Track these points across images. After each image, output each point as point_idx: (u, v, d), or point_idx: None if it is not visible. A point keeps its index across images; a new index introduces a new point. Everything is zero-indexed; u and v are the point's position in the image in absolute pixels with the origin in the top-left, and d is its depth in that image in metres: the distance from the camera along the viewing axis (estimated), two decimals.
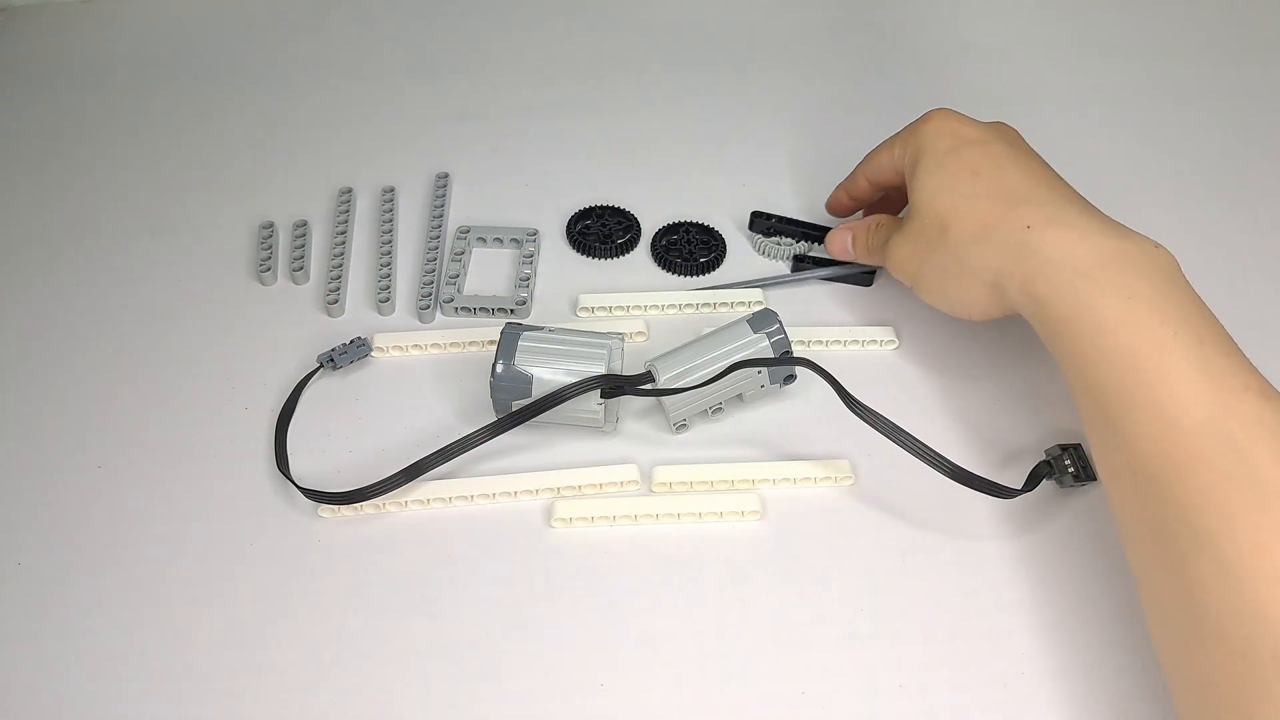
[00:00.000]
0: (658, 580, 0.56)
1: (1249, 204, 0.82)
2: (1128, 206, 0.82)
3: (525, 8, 1.03)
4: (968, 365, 0.68)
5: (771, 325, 0.61)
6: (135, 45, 0.97)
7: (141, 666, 0.52)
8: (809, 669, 0.53)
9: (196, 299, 0.72)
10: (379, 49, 0.97)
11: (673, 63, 0.97)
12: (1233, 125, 0.90)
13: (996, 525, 0.59)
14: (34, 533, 0.58)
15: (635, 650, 0.53)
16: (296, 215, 0.78)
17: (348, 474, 0.61)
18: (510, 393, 0.60)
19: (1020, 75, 0.96)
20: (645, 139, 0.88)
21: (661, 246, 0.76)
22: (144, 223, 0.78)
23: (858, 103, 0.92)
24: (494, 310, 0.71)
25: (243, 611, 0.55)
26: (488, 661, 0.53)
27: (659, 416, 0.64)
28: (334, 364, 0.66)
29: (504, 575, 0.56)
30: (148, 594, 0.55)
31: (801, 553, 0.58)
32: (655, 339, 0.69)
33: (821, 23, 1.02)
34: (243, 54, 0.96)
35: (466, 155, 0.85)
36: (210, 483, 0.61)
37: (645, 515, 0.59)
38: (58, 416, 0.64)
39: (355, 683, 0.52)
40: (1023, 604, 0.55)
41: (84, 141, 0.86)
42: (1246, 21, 1.04)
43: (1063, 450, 0.61)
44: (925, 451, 0.56)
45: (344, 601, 0.55)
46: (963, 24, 1.03)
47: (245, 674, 0.52)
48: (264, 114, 0.89)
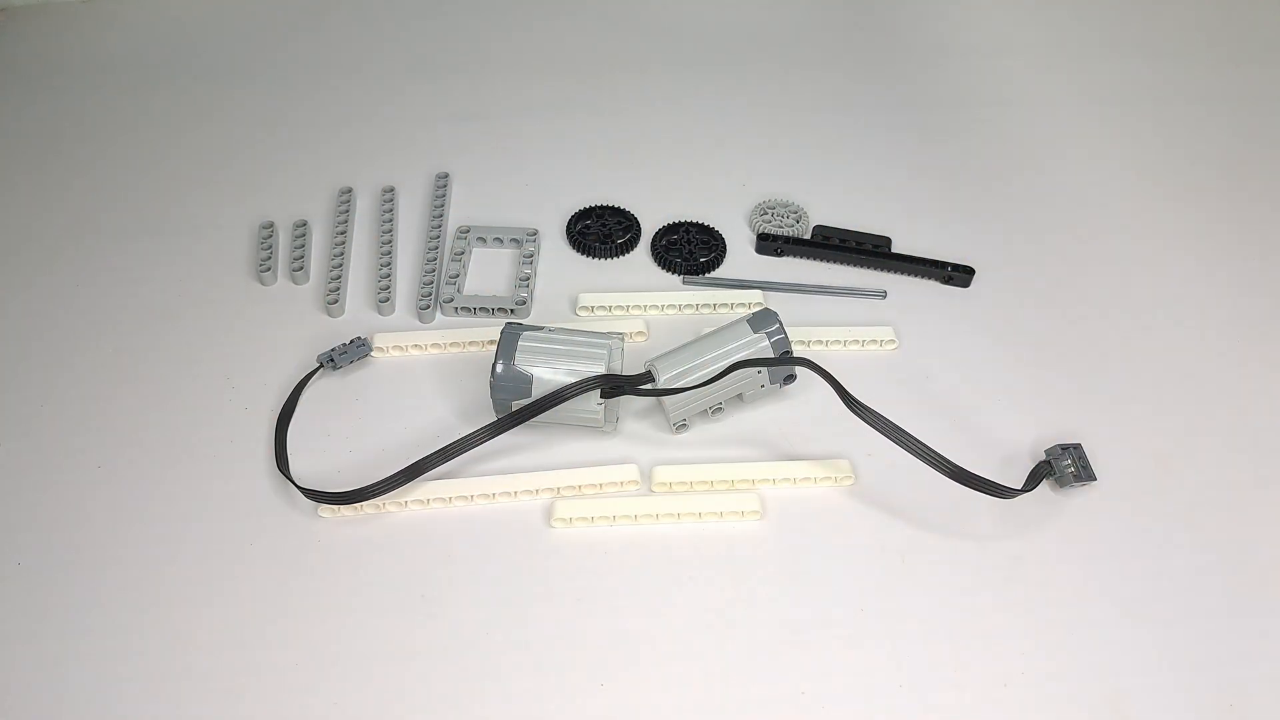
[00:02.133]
0: (658, 580, 0.56)
1: (1249, 204, 0.82)
2: (1128, 206, 0.82)
3: (525, 8, 1.03)
4: (968, 365, 0.68)
5: (771, 325, 0.61)
6: (135, 45, 0.97)
7: (141, 666, 0.52)
8: (809, 669, 0.53)
9: (196, 299, 0.72)
10: (379, 49, 0.97)
11: (673, 63, 0.97)
12: (1233, 125, 0.90)
13: (996, 525, 0.59)
14: (34, 533, 0.58)
15: (635, 650, 0.53)
16: (296, 215, 0.78)
17: (348, 474, 0.61)
18: (510, 393, 0.59)
19: (1019, 75, 0.96)
20: (645, 139, 0.88)
21: (661, 246, 0.76)
22: (144, 223, 0.78)
23: (858, 102, 0.92)
24: (494, 310, 0.71)
25: (243, 611, 0.55)
26: (488, 661, 0.53)
27: (659, 416, 0.64)
28: (334, 364, 0.66)
29: (504, 575, 0.56)
30: (148, 594, 0.55)
31: (801, 553, 0.58)
32: (655, 339, 0.69)
33: (821, 23, 1.02)
34: (243, 54, 0.96)
35: (466, 155, 0.85)
36: (210, 483, 0.61)
37: (645, 515, 0.58)
38: (58, 416, 0.64)
39: (355, 683, 0.52)
40: (1023, 604, 0.55)
41: (84, 141, 0.86)
42: (1247, 21, 1.04)
43: (1063, 450, 0.61)
44: (925, 451, 0.56)
45: (344, 601, 0.55)
46: (962, 24, 1.03)
47: (245, 674, 0.52)
48: (264, 114, 0.89)
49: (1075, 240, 0.77)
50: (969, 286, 0.74)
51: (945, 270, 0.74)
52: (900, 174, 0.84)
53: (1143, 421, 0.65)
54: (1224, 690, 0.52)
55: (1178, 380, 0.68)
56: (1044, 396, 0.66)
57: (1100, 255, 0.77)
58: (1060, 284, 0.74)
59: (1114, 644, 0.54)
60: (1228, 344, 0.70)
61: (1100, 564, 0.57)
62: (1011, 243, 0.78)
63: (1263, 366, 0.69)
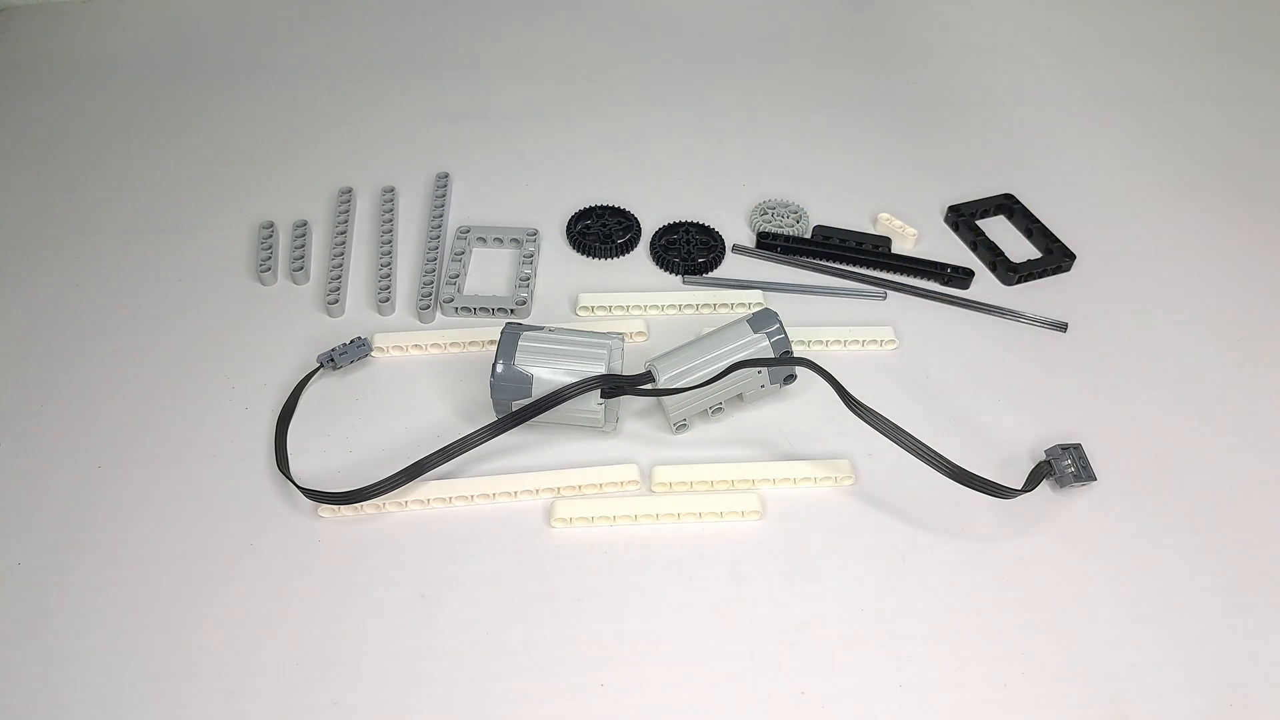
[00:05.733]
0: (658, 580, 0.56)
1: (1249, 204, 0.82)
2: (1128, 206, 0.82)
3: (525, 8, 1.03)
4: (968, 365, 0.68)
5: (771, 325, 0.61)
6: (135, 45, 0.97)
7: (141, 666, 0.52)
8: (809, 669, 0.53)
9: (196, 299, 0.72)
10: (379, 49, 0.97)
11: (672, 63, 0.97)
12: (1233, 125, 0.90)
13: (996, 525, 0.59)
14: (34, 533, 0.58)
15: (635, 650, 0.53)
16: (296, 215, 0.78)
17: (348, 474, 0.61)
18: (510, 393, 0.59)
19: (1020, 75, 0.96)
20: (645, 139, 0.88)
21: (661, 246, 0.76)
22: (144, 223, 0.78)
23: (858, 102, 0.92)
24: (494, 310, 0.71)
25: (243, 611, 0.55)
26: (488, 661, 0.53)
27: (659, 416, 0.64)
28: (334, 364, 0.66)
29: (504, 575, 0.56)
30: (148, 594, 0.55)
31: (801, 553, 0.58)
32: (655, 339, 0.69)
33: (821, 23, 1.02)
34: (243, 54, 0.96)
35: (466, 155, 0.85)
36: (210, 483, 0.61)
37: (645, 515, 0.59)
38: (58, 416, 0.64)
39: (355, 683, 0.52)
40: (1023, 604, 0.55)
41: (84, 141, 0.86)
42: (1247, 21, 1.04)
43: (1063, 450, 0.61)
44: (925, 451, 0.56)
45: (344, 601, 0.55)
46: (962, 24, 1.03)
47: (245, 674, 0.52)
48: (264, 114, 0.89)
49: (1075, 240, 0.77)
50: (968, 288, 0.74)
51: (945, 271, 0.74)
52: (900, 174, 0.84)
53: (1143, 421, 0.65)
54: (1224, 690, 0.52)
55: (1177, 380, 0.68)
56: (1044, 396, 0.66)
57: (1100, 254, 0.77)
58: (1060, 284, 0.74)
59: (1114, 644, 0.54)
60: (1228, 344, 0.70)
61: (1100, 564, 0.57)
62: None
63: (1263, 366, 0.69)
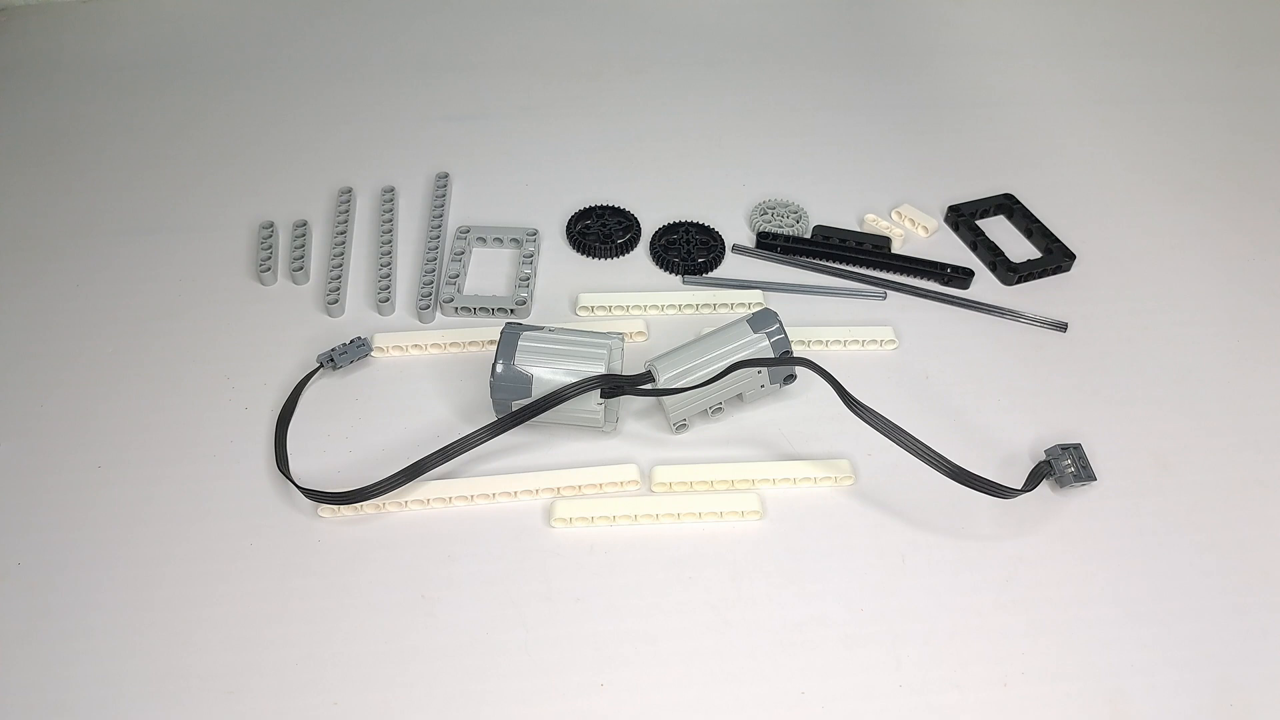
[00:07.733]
0: (658, 580, 0.56)
1: (1250, 204, 0.82)
2: (1128, 206, 0.82)
3: (525, 8, 1.03)
4: (968, 365, 0.68)
5: (771, 325, 0.61)
6: (135, 45, 0.97)
7: (141, 666, 0.52)
8: (809, 669, 0.53)
9: (196, 299, 0.72)
10: (379, 49, 0.97)
11: (673, 63, 0.97)
12: (1234, 125, 0.90)
13: (996, 525, 0.59)
14: (34, 533, 0.58)
15: (635, 650, 0.53)
16: (296, 215, 0.78)
17: (348, 474, 0.61)
18: (510, 393, 0.59)
19: (1020, 75, 0.96)
20: (645, 139, 0.88)
21: (661, 246, 0.76)
22: (144, 223, 0.78)
23: (858, 102, 0.92)
24: (494, 310, 0.71)
25: (243, 611, 0.55)
26: (488, 661, 0.53)
27: (659, 416, 0.64)
28: (334, 364, 0.66)
29: (504, 575, 0.56)
30: (148, 594, 0.55)
31: (801, 553, 0.58)
32: (655, 339, 0.69)
33: (822, 23, 1.02)
34: (243, 54, 0.96)
35: (466, 155, 0.85)
36: (210, 483, 0.61)
37: (645, 515, 0.58)
38: (58, 416, 0.64)
39: (355, 683, 0.52)
40: (1023, 604, 0.55)
41: (84, 141, 0.86)
42: (1247, 21, 1.04)
43: (1063, 450, 0.61)
44: (925, 451, 0.56)
45: (344, 601, 0.55)
46: (962, 24, 1.03)
47: (245, 674, 0.52)
48: (264, 114, 0.89)
49: (1075, 240, 0.77)
50: (968, 288, 0.74)
51: (945, 271, 0.74)
52: (900, 174, 0.84)
53: (1143, 421, 0.65)
54: (1224, 690, 0.52)
55: (1177, 380, 0.68)
56: (1044, 396, 0.66)
57: (1100, 254, 0.77)
58: (1060, 284, 0.74)
59: (1114, 644, 0.54)
60: (1228, 344, 0.70)
61: (1100, 564, 0.57)
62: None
63: (1263, 366, 0.69)
